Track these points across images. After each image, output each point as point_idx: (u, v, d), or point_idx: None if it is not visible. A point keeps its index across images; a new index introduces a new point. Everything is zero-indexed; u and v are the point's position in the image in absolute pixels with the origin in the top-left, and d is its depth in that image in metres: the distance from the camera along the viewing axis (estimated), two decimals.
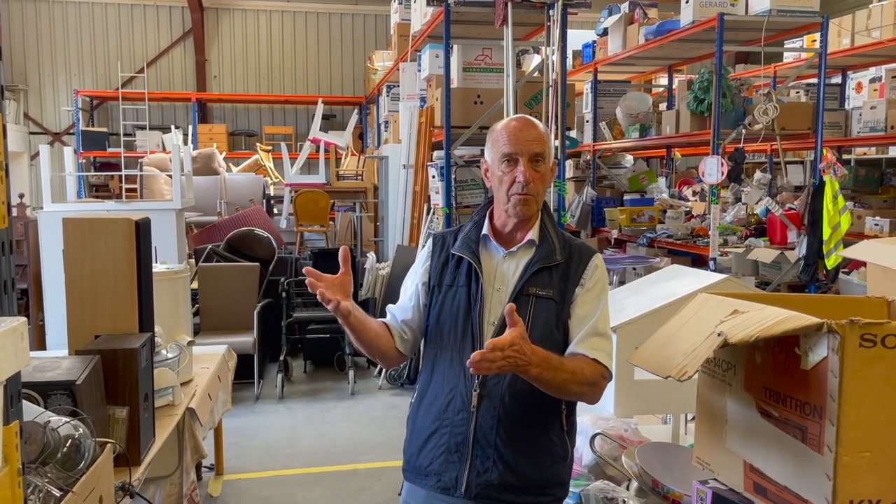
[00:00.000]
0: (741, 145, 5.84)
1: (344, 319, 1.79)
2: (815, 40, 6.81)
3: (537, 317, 1.82)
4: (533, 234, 1.89)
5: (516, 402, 1.80)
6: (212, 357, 3.77)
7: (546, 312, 1.82)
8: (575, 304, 1.85)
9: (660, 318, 1.98)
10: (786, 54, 8.10)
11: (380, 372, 6.24)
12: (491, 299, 1.85)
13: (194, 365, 3.40)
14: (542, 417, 1.83)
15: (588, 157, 8.42)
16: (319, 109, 9.28)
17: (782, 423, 1.19)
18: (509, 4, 4.95)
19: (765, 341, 1.16)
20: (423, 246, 2.03)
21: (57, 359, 2.23)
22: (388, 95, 8.76)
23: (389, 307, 2.03)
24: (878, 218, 6.07)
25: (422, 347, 2.00)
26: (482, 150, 6.27)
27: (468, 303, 1.86)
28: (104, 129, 12.56)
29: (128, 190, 11.06)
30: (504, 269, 1.89)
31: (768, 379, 1.22)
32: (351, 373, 6.04)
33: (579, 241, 1.98)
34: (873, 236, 5.73)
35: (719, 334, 1.15)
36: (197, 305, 6.03)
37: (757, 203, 6.34)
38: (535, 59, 6.35)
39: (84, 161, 12.02)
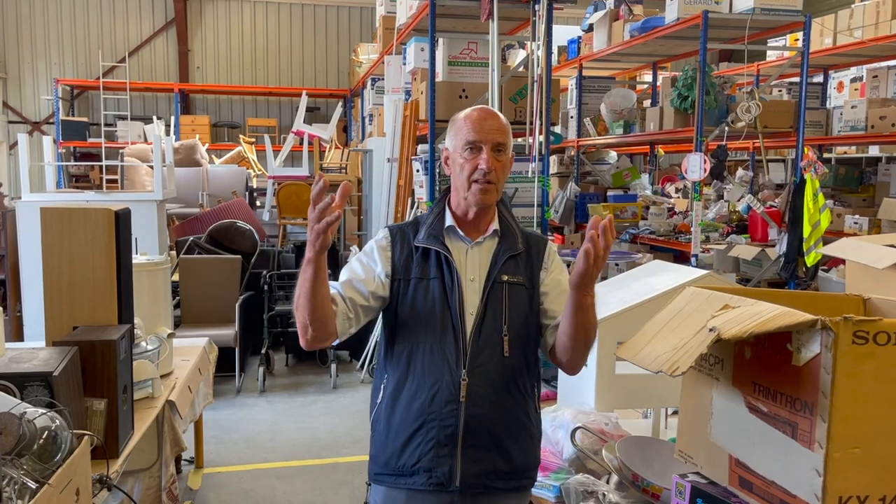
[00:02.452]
0: (724, 143, 5.87)
1: (318, 253, 1.66)
2: (797, 39, 6.86)
3: (513, 302, 1.87)
4: (495, 224, 1.94)
5: (502, 389, 1.84)
6: (192, 350, 3.74)
7: (520, 298, 1.89)
8: (546, 284, 1.93)
9: (642, 312, 1.99)
10: (769, 53, 8.16)
11: (362, 366, 6.23)
12: (466, 289, 1.86)
13: (175, 357, 3.37)
14: (523, 401, 1.89)
15: (572, 153, 8.44)
16: (303, 102, 9.23)
17: (771, 419, 1.20)
18: None
19: (755, 336, 1.17)
20: (376, 237, 1.97)
21: (34, 350, 2.21)
22: (372, 88, 8.73)
23: (332, 283, 1.86)
24: (857, 216, 6.14)
25: (382, 343, 1.95)
26: None
27: (444, 294, 1.85)
28: (85, 119, 12.41)
29: (108, 181, 10.93)
30: (472, 259, 1.91)
31: (757, 374, 1.23)
32: (333, 367, 6.03)
33: (531, 231, 2.08)
34: (852, 234, 5.79)
35: (711, 329, 1.15)
36: (178, 298, 5.98)
37: (739, 200, 6.39)
38: (521, 54, 6.35)
39: (64, 151, 11.88)
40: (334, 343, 1.84)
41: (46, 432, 1.75)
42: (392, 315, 1.90)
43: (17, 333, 5.16)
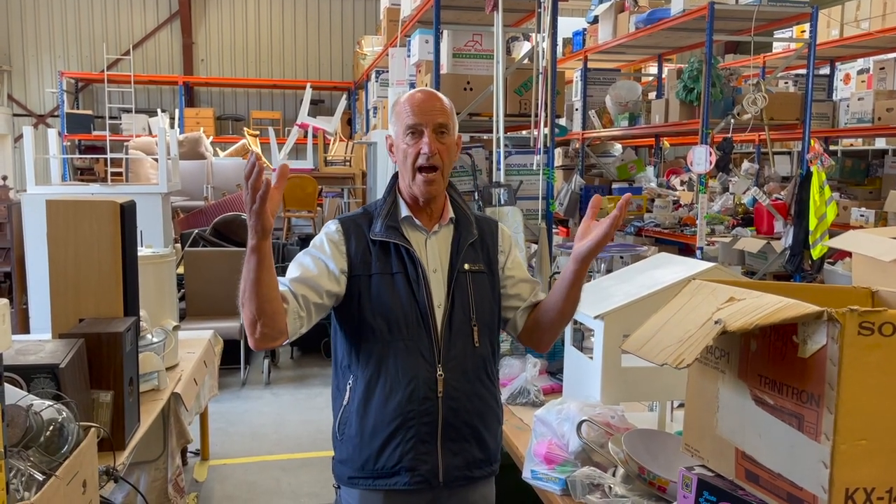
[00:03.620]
0: (730, 135, 5.84)
1: (261, 238, 1.56)
2: (804, 31, 6.82)
3: (478, 291, 1.86)
4: (451, 211, 1.91)
5: (475, 379, 1.84)
6: (198, 342, 3.75)
7: (483, 286, 1.88)
8: (506, 270, 1.94)
9: (647, 305, 1.99)
10: (775, 44, 8.11)
11: None
12: (431, 281, 1.82)
13: (180, 350, 3.38)
14: (493, 387, 1.91)
15: (577, 146, 8.41)
16: (308, 94, 9.22)
17: (777, 411, 1.19)
18: None
19: (761, 329, 1.17)
20: (327, 230, 1.88)
21: (40, 342, 2.21)
22: (376, 81, 8.70)
23: (281, 279, 1.76)
24: (863, 209, 6.11)
25: (343, 343, 1.87)
26: (472, 137, 6.18)
27: (410, 288, 1.80)
28: (89, 112, 12.41)
29: (113, 173, 10.94)
30: (432, 249, 1.87)
31: (763, 366, 1.22)
32: None
33: (480, 213, 2.05)
34: (858, 227, 5.77)
35: (717, 322, 1.14)
36: (183, 290, 5.99)
37: (744, 193, 6.37)
38: (525, 47, 6.32)
39: (69, 144, 11.88)
40: (284, 343, 1.75)
41: (53, 424, 1.75)
42: (355, 313, 1.81)
43: (23, 326, 5.18)
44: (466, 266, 1.85)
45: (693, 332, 1.19)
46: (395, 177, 1.92)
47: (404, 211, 1.87)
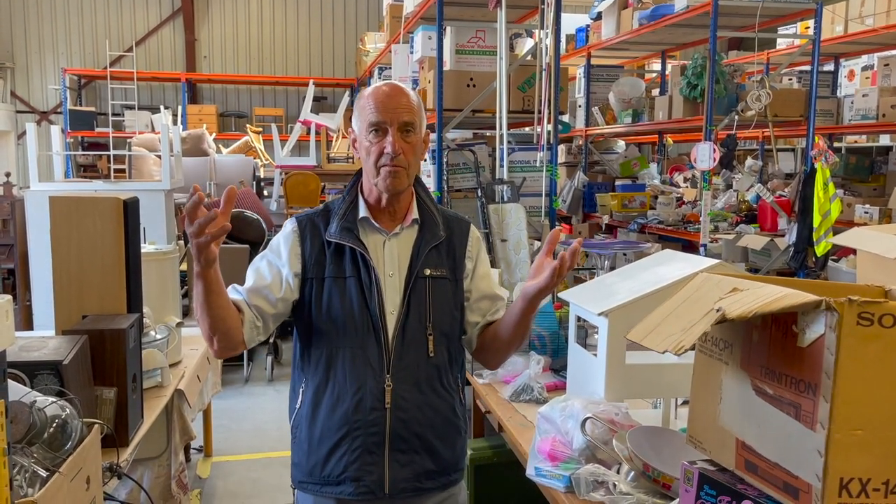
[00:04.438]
0: (733, 132, 5.83)
1: (205, 268, 1.55)
2: (808, 27, 6.80)
3: (437, 298, 1.78)
4: (415, 212, 1.82)
5: (428, 390, 1.78)
6: (201, 339, 3.71)
7: (444, 293, 1.80)
8: (473, 280, 1.86)
9: (651, 302, 1.98)
10: (779, 41, 8.09)
11: None
12: (385, 287, 1.76)
13: (183, 347, 3.38)
14: (449, 398, 1.83)
15: (580, 143, 8.40)
16: (310, 91, 9.21)
17: (776, 401, 1.19)
18: None
19: (762, 319, 1.16)
20: (283, 231, 1.86)
21: (44, 338, 2.21)
22: (379, 77, 8.70)
23: (236, 287, 1.80)
24: (867, 206, 6.09)
25: (297, 344, 1.86)
26: (474, 134, 6.17)
27: (361, 293, 1.73)
28: (92, 109, 12.43)
29: (116, 170, 10.95)
30: (390, 253, 1.79)
31: (764, 356, 1.22)
32: None
33: (452, 212, 1.95)
34: (863, 224, 5.75)
35: (717, 310, 1.14)
36: (186, 287, 5.99)
37: (748, 190, 6.35)
38: (529, 43, 6.31)
39: (72, 140, 11.90)
40: (242, 351, 1.75)
41: (56, 421, 1.75)
42: (307, 316, 1.78)
43: (26, 322, 5.19)
44: (427, 271, 1.77)
45: (696, 322, 1.19)
46: (358, 175, 1.84)
47: (362, 211, 1.79)
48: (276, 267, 1.79)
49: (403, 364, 1.75)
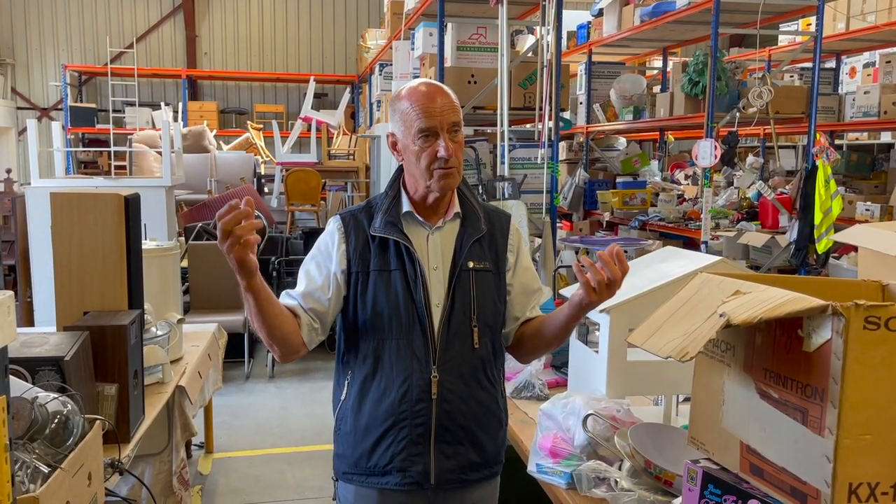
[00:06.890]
0: (735, 129, 5.82)
1: (249, 279, 1.57)
2: (810, 24, 6.79)
3: (481, 291, 1.80)
4: (457, 206, 1.84)
5: (473, 381, 1.79)
6: (202, 335, 3.75)
7: (488, 285, 1.81)
8: (515, 274, 1.88)
9: (653, 299, 1.98)
10: (781, 38, 8.07)
11: None
12: (430, 280, 1.77)
13: (184, 343, 3.38)
14: (493, 390, 1.85)
15: (581, 139, 8.39)
16: (311, 88, 9.20)
17: (782, 405, 1.19)
18: None
19: (766, 322, 1.16)
20: (328, 229, 1.86)
21: (45, 335, 2.21)
22: (380, 74, 8.68)
23: (289, 292, 1.83)
24: (868, 203, 6.08)
25: (342, 337, 1.88)
26: (475, 131, 6.14)
27: (407, 286, 1.75)
28: (93, 105, 12.43)
29: (117, 167, 10.97)
30: (434, 246, 1.80)
31: (769, 360, 1.22)
32: None
33: (492, 206, 1.96)
34: (864, 221, 5.75)
35: (721, 315, 1.13)
36: (187, 283, 5.99)
37: (749, 187, 6.34)
38: (530, 40, 6.30)
39: (72, 137, 11.90)
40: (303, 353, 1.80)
41: (58, 417, 1.75)
42: (353, 309, 1.80)
43: (27, 319, 5.19)
44: (471, 264, 1.79)
45: (698, 326, 1.18)
46: (400, 170, 1.86)
47: (406, 206, 1.81)
48: (325, 268, 1.81)
49: (449, 356, 1.76)
